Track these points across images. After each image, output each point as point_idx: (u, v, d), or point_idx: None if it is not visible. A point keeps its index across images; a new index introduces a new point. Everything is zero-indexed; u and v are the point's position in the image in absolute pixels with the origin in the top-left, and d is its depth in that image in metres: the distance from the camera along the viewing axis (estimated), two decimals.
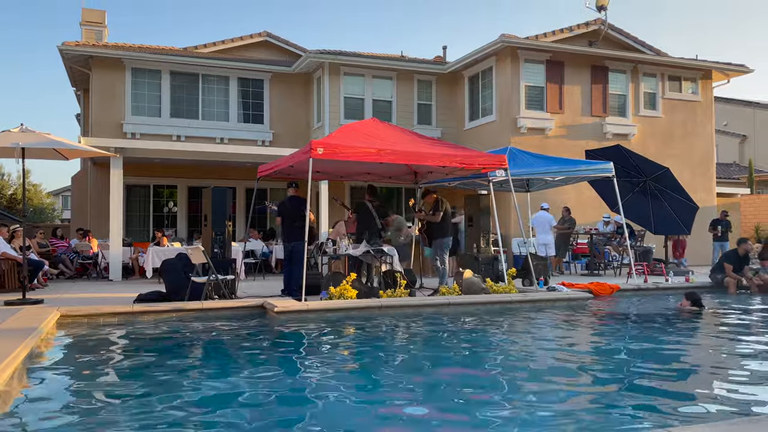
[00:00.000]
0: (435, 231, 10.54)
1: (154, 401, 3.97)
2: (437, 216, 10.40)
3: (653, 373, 4.84)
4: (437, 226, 10.48)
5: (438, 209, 10.44)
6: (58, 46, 15.95)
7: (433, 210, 10.53)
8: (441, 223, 10.44)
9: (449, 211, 10.69)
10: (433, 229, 10.54)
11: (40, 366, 5.03)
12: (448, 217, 10.63)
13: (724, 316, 8.35)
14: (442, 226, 10.47)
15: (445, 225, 10.53)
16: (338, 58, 17.13)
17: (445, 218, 10.48)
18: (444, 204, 10.54)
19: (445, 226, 10.51)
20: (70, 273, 13.84)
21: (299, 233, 9.62)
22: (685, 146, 18.27)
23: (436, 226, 10.49)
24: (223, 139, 17.37)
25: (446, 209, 10.56)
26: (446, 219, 10.53)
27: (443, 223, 10.48)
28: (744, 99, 29.67)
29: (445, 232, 10.54)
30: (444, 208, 10.49)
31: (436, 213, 10.45)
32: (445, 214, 10.51)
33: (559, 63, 16.79)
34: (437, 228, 10.49)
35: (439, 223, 10.43)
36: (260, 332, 6.90)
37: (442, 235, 10.51)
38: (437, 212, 10.44)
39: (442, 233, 10.50)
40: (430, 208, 10.64)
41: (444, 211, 10.46)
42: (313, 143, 8.37)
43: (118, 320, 7.39)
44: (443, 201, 10.58)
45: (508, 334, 6.92)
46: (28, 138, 8.57)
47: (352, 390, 4.37)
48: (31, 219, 32.81)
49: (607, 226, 15.06)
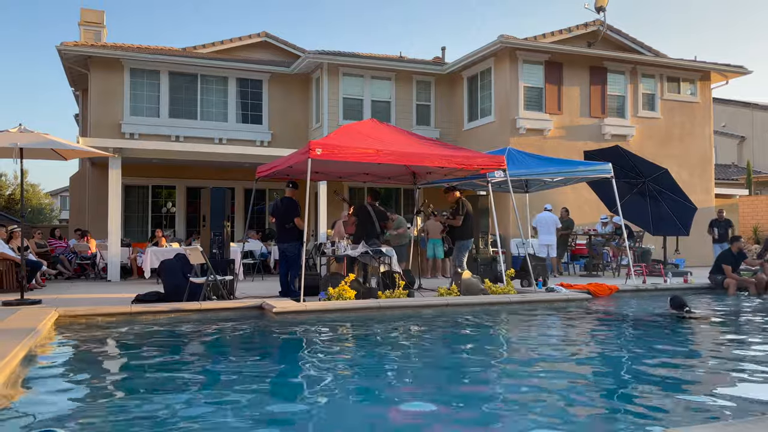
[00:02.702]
0: (456, 233, 10.51)
1: (152, 401, 3.96)
2: (458, 220, 10.37)
3: (651, 374, 4.83)
4: (458, 229, 10.46)
5: (459, 213, 10.40)
6: (57, 46, 15.93)
7: (453, 213, 10.51)
8: (462, 225, 10.41)
9: (471, 213, 10.58)
10: (455, 231, 10.53)
11: (38, 366, 5.01)
12: (471, 219, 10.51)
13: (721, 318, 8.35)
14: (463, 228, 10.43)
15: (466, 227, 10.47)
16: (337, 59, 17.13)
17: (466, 220, 10.41)
18: (465, 206, 10.48)
19: (466, 228, 10.45)
20: (68, 273, 13.83)
21: (290, 234, 9.67)
22: (684, 147, 18.29)
23: (457, 228, 10.48)
24: (222, 139, 17.36)
25: (467, 211, 10.50)
26: (468, 221, 10.46)
27: (464, 225, 10.43)
28: (742, 100, 29.71)
29: (466, 234, 10.47)
30: (465, 210, 10.44)
31: (457, 217, 10.41)
32: (467, 217, 10.45)
33: (557, 64, 16.80)
34: (458, 230, 10.46)
35: (461, 226, 10.40)
36: (258, 333, 6.89)
37: (461, 237, 10.47)
38: (458, 216, 10.40)
39: (462, 235, 10.46)
40: (450, 208, 10.63)
41: (465, 214, 10.42)
42: (312, 144, 8.37)
43: (117, 321, 7.38)
44: (464, 202, 10.51)
45: (506, 335, 6.91)
46: (26, 138, 8.56)
47: (350, 391, 4.36)
48: (29, 219, 32.77)
49: (605, 227, 15.07)
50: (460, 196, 10.55)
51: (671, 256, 15.33)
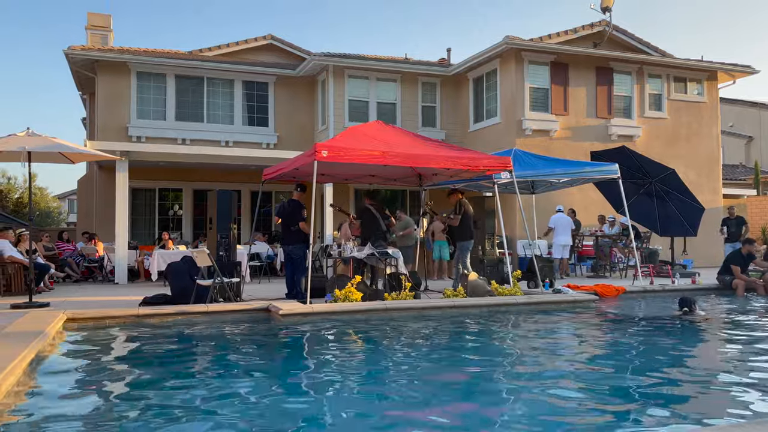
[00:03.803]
0: (456, 234, 10.52)
1: (159, 403, 3.97)
2: (456, 219, 10.38)
3: (657, 375, 4.81)
4: (457, 230, 10.45)
5: (456, 212, 10.40)
6: (64, 50, 16.03)
7: (452, 213, 10.52)
8: (461, 226, 10.40)
9: (470, 213, 10.55)
10: (455, 232, 10.52)
11: (47, 369, 5.04)
12: (469, 220, 10.51)
13: (728, 319, 8.30)
14: (462, 228, 10.42)
15: (465, 227, 10.45)
16: (342, 61, 17.15)
17: (465, 221, 10.40)
18: (464, 207, 10.46)
19: (465, 228, 10.44)
20: (76, 276, 13.89)
21: (295, 237, 9.69)
22: (691, 147, 18.21)
23: (456, 230, 10.47)
24: (228, 142, 17.40)
25: (466, 211, 10.47)
26: (466, 221, 10.45)
27: (462, 226, 10.43)
28: (750, 100, 29.55)
29: (465, 235, 10.46)
30: (463, 210, 10.43)
31: (455, 216, 10.42)
32: (465, 217, 10.43)
33: (563, 65, 16.77)
34: (457, 231, 10.46)
35: (459, 226, 10.39)
36: (265, 334, 6.90)
37: (461, 238, 10.46)
38: (456, 215, 10.41)
39: (462, 236, 10.45)
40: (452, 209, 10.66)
41: (464, 214, 10.40)
42: (318, 146, 8.38)
43: (124, 323, 7.41)
44: (463, 203, 10.49)
45: (513, 337, 6.90)
46: (34, 142, 8.61)
47: (357, 392, 4.36)
48: (37, 223, 32.94)
49: (612, 228, 15.02)
50: (460, 198, 10.55)
51: (679, 257, 15.25)
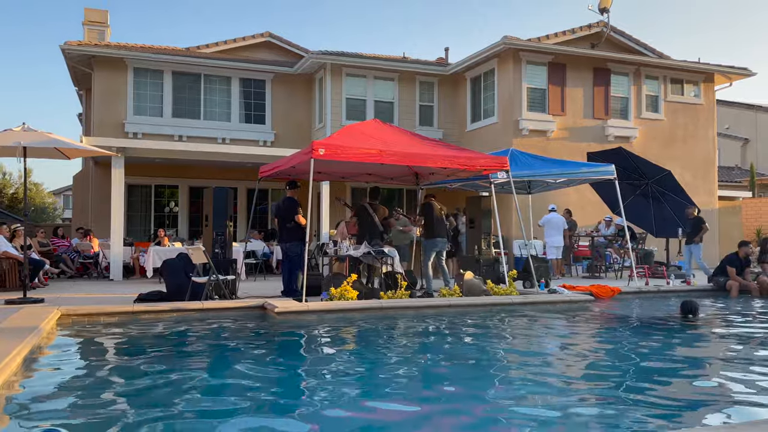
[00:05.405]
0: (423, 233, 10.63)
1: (153, 400, 3.96)
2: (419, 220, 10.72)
3: (652, 376, 4.82)
4: (424, 229, 10.56)
5: (419, 213, 10.64)
6: (61, 45, 15.97)
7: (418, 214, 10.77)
8: (425, 226, 10.48)
9: (434, 214, 10.49)
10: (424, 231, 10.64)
11: (41, 365, 5.02)
12: (433, 219, 10.47)
13: (724, 320, 8.33)
14: (426, 228, 10.47)
15: (429, 227, 10.45)
16: (340, 59, 17.13)
17: (430, 221, 10.42)
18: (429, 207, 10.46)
19: (428, 228, 10.45)
20: (70, 272, 13.86)
21: (292, 234, 9.70)
22: (687, 149, 18.25)
23: (424, 229, 10.56)
24: (225, 139, 17.37)
25: (431, 212, 10.44)
26: (430, 221, 10.45)
27: (426, 227, 10.47)
28: (746, 102, 29.64)
29: (428, 234, 10.50)
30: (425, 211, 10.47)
31: (418, 217, 10.80)
32: (428, 217, 10.43)
33: (561, 65, 16.78)
34: (424, 231, 10.57)
35: (425, 225, 10.48)
36: (260, 332, 6.89)
37: (425, 237, 10.53)
38: (419, 216, 10.70)
39: (426, 235, 10.51)
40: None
41: (427, 215, 10.43)
42: (315, 144, 8.38)
43: (119, 320, 7.39)
44: (429, 204, 10.54)
45: (508, 336, 6.91)
46: (29, 137, 8.58)
47: (351, 391, 4.36)
48: (32, 218, 32.84)
49: (608, 228, 15.05)
50: (426, 201, 10.64)
51: (674, 258, 15.30)
